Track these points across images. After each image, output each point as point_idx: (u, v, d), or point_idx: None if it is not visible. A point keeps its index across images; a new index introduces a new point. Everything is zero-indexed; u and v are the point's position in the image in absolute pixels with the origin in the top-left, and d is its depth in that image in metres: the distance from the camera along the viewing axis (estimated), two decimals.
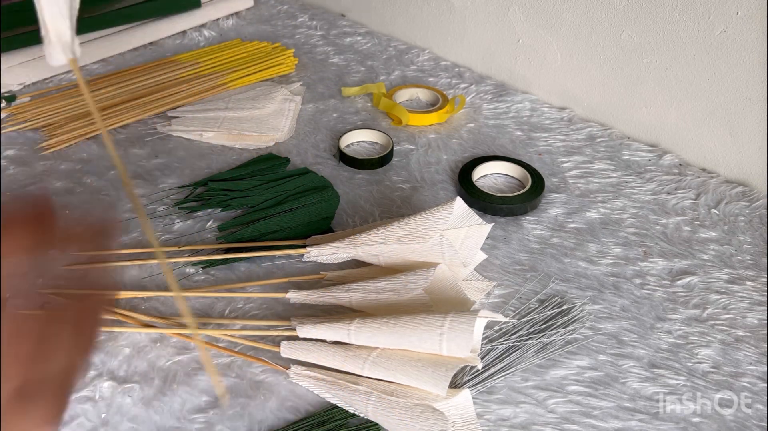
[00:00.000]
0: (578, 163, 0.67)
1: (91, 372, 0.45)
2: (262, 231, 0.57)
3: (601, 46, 0.70)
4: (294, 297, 0.50)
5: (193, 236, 0.57)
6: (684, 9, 0.62)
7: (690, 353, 0.48)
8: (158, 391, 0.44)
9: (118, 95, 0.75)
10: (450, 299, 0.47)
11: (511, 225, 0.59)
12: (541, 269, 0.55)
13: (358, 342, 0.43)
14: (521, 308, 0.51)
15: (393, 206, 0.61)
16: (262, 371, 0.46)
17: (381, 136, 0.70)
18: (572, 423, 0.43)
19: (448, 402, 0.42)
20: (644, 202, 0.62)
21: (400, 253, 0.50)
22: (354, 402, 0.42)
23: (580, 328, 0.49)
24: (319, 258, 0.53)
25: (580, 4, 0.70)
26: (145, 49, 0.87)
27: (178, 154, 0.68)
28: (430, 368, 0.41)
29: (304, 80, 0.81)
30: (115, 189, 0.62)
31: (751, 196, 0.63)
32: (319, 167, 0.66)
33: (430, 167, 0.67)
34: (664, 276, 0.54)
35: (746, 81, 0.61)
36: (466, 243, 0.51)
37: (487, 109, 0.76)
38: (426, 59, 0.85)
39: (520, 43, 0.77)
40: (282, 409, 0.43)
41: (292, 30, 0.93)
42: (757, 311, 0.51)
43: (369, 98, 0.78)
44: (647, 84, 0.68)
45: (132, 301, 0.51)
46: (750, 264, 0.56)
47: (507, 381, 0.45)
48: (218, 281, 0.53)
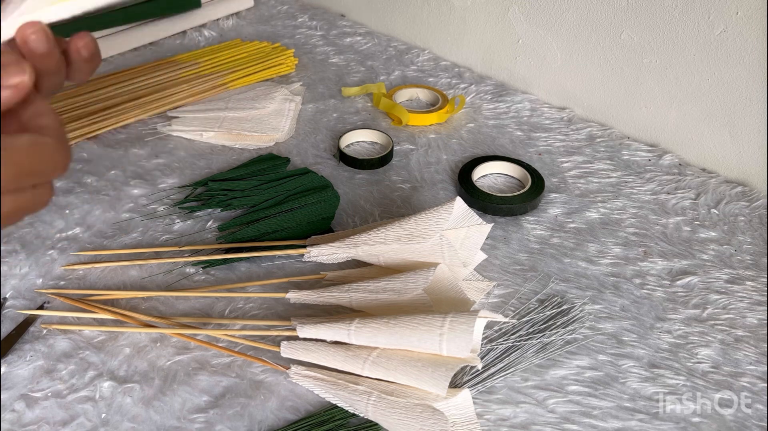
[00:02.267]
0: (578, 163, 0.67)
1: (91, 372, 0.46)
2: (262, 231, 0.57)
3: (601, 46, 0.70)
4: (294, 297, 0.50)
5: (193, 236, 0.57)
6: (684, 9, 0.62)
7: (690, 353, 0.48)
8: (158, 391, 0.44)
9: (118, 95, 0.75)
10: (450, 299, 0.47)
11: (511, 225, 0.59)
12: (541, 269, 0.55)
13: (358, 342, 0.43)
14: (521, 308, 0.51)
15: (393, 206, 0.61)
16: (262, 371, 0.46)
17: (381, 136, 0.70)
18: (572, 423, 0.43)
19: (448, 402, 0.42)
20: (644, 202, 0.62)
21: (400, 253, 0.50)
22: (354, 402, 0.42)
23: (580, 328, 0.49)
24: (319, 258, 0.53)
25: (580, 4, 0.70)
26: (145, 49, 0.87)
27: (178, 154, 0.68)
28: (430, 368, 0.41)
29: (304, 80, 0.81)
30: (115, 189, 0.62)
31: (751, 196, 0.63)
32: (319, 167, 0.66)
33: (430, 167, 0.67)
34: (664, 276, 0.54)
35: (746, 81, 0.61)
36: (466, 243, 0.51)
37: (487, 109, 0.76)
38: (426, 59, 0.85)
39: (520, 43, 0.77)
40: (282, 409, 0.43)
41: (292, 30, 0.93)
42: (756, 311, 0.51)
43: (369, 98, 0.78)
44: (647, 84, 0.68)
45: (132, 301, 0.51)
46: (750, 264, 0.56)
47: (507, 381, 0.45)
48: (218, 281, 0.53)
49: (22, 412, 0.43)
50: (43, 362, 0.46)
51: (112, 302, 0.51)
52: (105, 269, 0.54)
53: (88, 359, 0.46)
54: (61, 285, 0.52)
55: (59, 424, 0.42)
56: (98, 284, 0.53)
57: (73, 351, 0.47)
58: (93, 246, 0.56)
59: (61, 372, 0.45)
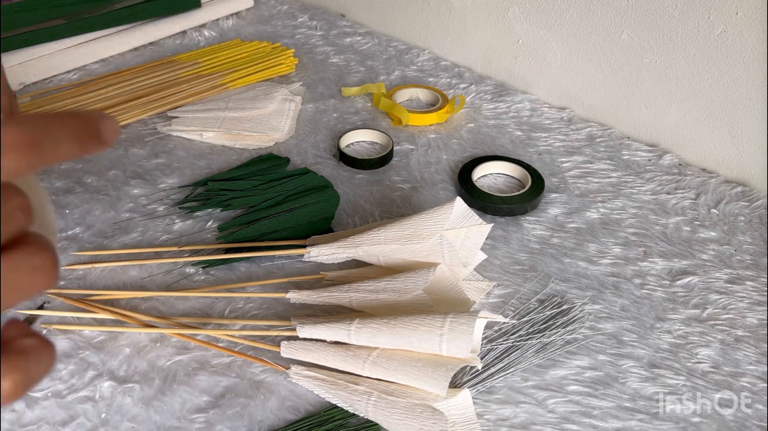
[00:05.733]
0: (578, 163, 0.67)
1: (91, 372, 0.46)
2: (262, 231, 0.57)
3: (601, 46, 0.70)
4: (294, 297, 0.50)
5: (193, 236, 0.57)
6: (684, 9, 0.62)
7: (690, 353, 0.48)
8: (158, 391, 0.44)
9: (118, 95, 0.75)
10: (450, 299, 0.47)
11: (511, 225, 0.59)
12: (540, 269, 0.55)
13: (358, 343, 0.43)
14: (521, 308, 0.51)
15: (393, 206, 0.61)
16: (262, 371, 0.46)
17: (381, 136, 0.70)
18: (572, 423, 0.43)
19: (448, 402, 0.42)
20: (644, 202, 0.62)
21: (400, 253, 0.50)
22: (354, 402, 0.42)
23: (580, 328, 0.49)
24: (319, 258, 0.53)
25: (580, 4, 0.70)
26: (145, 49, 0.87)
27: (178, 154, 0.68)
28: (430, 368, 0.41)
29: (304, 80, 0.81)
30: (115, 189, 0.62)
31: (750, 196, 0.63)
32: (319, 167, 0.66)
33: (430, 167, 0.67)
34: (664, 276, 0.54)
35: (746, 81, 0.61)
36: (466, 243, 0.51)
37: (487, 109, 0.76)
38: (426, 59, 0.85)
39: (520, 43, 0.77)
40: (282, 409, 0.43)
41: (292, 30, 0.93)
42: (756, 311, 0.51)
43: (369, 98, 0.78)
44: (647, 84, 0.68)
45: (132, 301, 0.51)
46: (750, 264, 0.56)
47: (507, 381, 0.45)
48: (218, 281, 0.53)
49: (22, 412, 0.43)
50: None
51: (112, 302, 0.51)
52: (105, 269, 0.54)
53: (88, 359, 0.46)
54: (60, 285, 0.52)
55: (59, 424, 0.42)
56: (98, 284, 0.53)
57: (73, 351, 0.47)
58: (93, 246, 0.56)
59: (61, 372, 0.45)
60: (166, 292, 0.51)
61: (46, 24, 0.81)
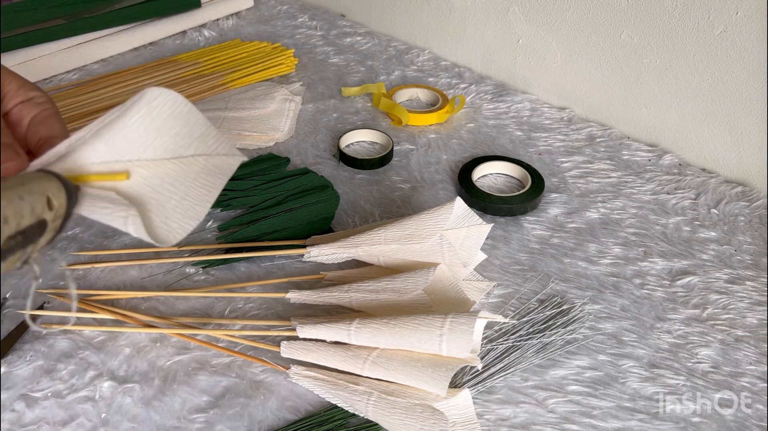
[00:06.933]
0: (578, 163, 0.67)
1: (91, 372, 0.46)
2: (262, 231, 0.57)
3: (601, 46, 0.70)
4: (294, 297, 0.50)
5: (193, 236, 0.57)
6: (684, 9, 0.62)
7: (690, 353, 0.48)
8: (158, 391, 0.44)
9: (118, 95, 0.75)
10: (450, 299, 0.47)
11: (511, 225, 0.59)
12: (540, 269, 0.55)
13: (358, 343, 0.43)
14: (521, 308, 0.51)
15: (393, 206, 0.61)
16: (262, 371, 0.46)
17: (381, 136, 0.70)
18: (572, 423, 0.43)
19: (448, 402, 0.42)
20: (644, 202, 0.62)
21: (400, 253, 0.50)
22: (354, 402, 0.42)
23: (580, 328, 0.49)
24: (319, 258, 0.53)
25: (580, 4, 0.70)
26: (145, 49, 0.87)
27: None
28: (430, 368, 0.41)
29: (304, 80, 0.81)
30: None
31: (750, 196, 0.63)
32: (319, 167, 0.66)
33: (430, 167, 0.67)
34: (664, 276, 0.54)
35: (746, 81, 0.61)
36: (466, 243, 0.51)
37: (487, 109, 0.76)
38: (426, 59, 0.85)
39: (520, 43, 0.77)
40: (282, 409, 0.43)
41: (292, 30, 0.93)
42: (756, 311, 0.51)
43: (369, 98, 0.78)
44: (647, 84, 0.68)
45: (132, 301, 0.51)
46: (750, 264, 0.56)
47: (507, 381, 0.45)
48: (218, 281, 0.53)
49: (22, 412, 0.43)
50: (43, 362, 0.46)
51: (112, 302, 0.51)
52: (105, 269, 0.54)
53: (88, 359, 0.46)
54: (61, 285, 0.52)
55: (59, 424, 0.42)
56: (98, 284, 0.53)
57: (73, 351, 0.47)
58: (93, 245, 0.56)
59: (61, 372, 0.45)
60: (166, 292, 0.51)
61: (46, 24, 0.81)
